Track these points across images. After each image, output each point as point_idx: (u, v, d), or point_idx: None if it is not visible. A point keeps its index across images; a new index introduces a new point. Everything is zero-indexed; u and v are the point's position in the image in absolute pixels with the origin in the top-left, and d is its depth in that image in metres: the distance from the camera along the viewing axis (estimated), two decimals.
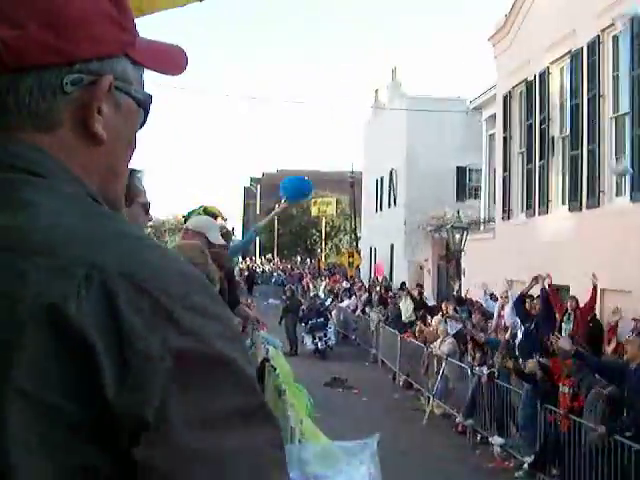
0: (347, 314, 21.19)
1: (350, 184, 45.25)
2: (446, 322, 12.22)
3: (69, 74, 0.82)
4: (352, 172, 47.59)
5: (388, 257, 29.64)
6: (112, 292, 0.70)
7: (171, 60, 0.95)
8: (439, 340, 11.88)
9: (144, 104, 0.92)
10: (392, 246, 29.10)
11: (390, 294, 19.81)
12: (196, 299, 0.74)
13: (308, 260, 59.98)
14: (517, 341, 10.38)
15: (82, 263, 0.71)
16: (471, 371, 10.14)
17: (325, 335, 17.87)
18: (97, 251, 0.73)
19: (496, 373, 9.40)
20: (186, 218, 4.92)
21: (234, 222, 66.52)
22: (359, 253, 32.85)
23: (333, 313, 19.43)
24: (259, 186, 70.63)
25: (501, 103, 17.47)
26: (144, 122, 0.94)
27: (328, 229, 59.19)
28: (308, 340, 17.96)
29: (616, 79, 12.23)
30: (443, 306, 14.21)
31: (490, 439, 9.48)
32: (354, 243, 66.05)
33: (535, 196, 15.23)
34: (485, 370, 9.60)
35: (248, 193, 73.78)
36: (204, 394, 0.71)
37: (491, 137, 20.51)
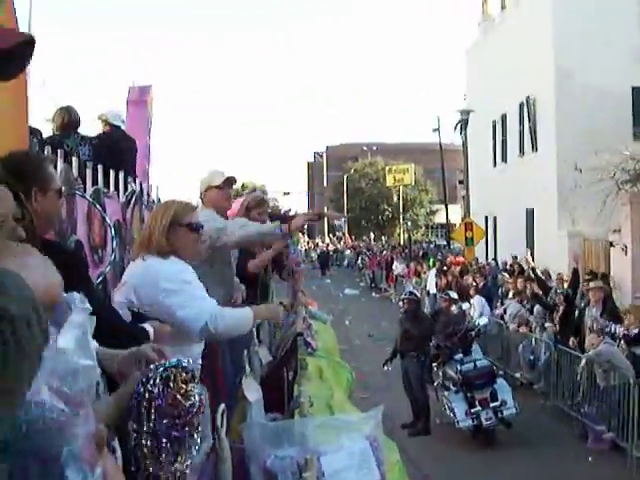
0: (536, 347, 10.82)
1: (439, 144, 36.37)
2: None
3: None
4: (437, 128, 40.01)
5: (522, 229, 20.19)
6: None
7: None
8: None
9: None
10: (530, 212, 19.63)
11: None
12: None
13: (383, 238, 53.10)
14: None
15: None
16: None
17: (494, 397, 8.48)
18: None
19: None
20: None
21: (301, 197, 65.75)
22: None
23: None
24: (325, 158, 70.63)
25: None
26: None
27: (402, 202, 52.52)
28: (459, 410, 8.51)
29: None
30: None
31: None
32: (430, 217, 58.21)
33: None
34: None
35: (313, 167, 73.29)
36: None
37: None
